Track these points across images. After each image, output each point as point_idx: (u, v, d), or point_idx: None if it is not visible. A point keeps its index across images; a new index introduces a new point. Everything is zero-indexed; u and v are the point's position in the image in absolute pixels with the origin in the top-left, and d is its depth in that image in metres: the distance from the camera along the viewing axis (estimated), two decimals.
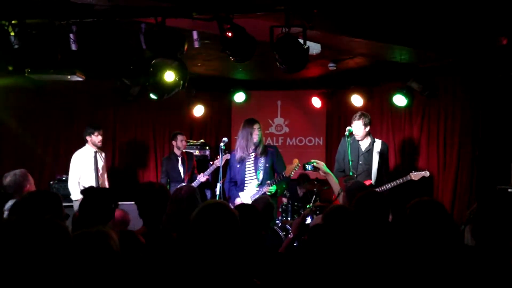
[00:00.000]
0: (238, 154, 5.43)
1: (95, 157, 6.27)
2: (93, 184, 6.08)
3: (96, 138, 6.26)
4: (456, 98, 6.67)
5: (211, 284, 1.81)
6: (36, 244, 1.33)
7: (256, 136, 5.35)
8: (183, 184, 6.60)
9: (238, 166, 5.47)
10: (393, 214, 3.25)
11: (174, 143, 6.99)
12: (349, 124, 5.89)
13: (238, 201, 5.31)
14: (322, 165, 4.68)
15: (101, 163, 6.36)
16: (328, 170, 4.56)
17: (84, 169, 6.19)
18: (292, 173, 5.28)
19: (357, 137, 5.68)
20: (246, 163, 5.45)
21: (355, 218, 2.63)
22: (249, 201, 5.03)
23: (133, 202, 3.05)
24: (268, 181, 5.33)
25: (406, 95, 6.60)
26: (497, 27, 4.96)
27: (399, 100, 6.68)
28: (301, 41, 4.19)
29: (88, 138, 6.27)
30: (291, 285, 2.53)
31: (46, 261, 1.33)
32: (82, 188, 4.75)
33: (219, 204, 2.00)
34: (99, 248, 1.71)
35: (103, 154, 6.50)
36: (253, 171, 5.43)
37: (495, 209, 2.69)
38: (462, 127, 6.58)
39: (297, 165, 5.22)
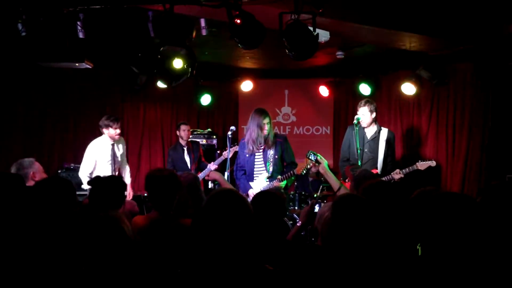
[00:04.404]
0: (248, 146, 5.39)
1: (113, 149, 5.95)
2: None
3: (114, 131, 5.87)
4: (465, 86, 6.58)
5: (223, 269, 1.80)
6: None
7: (265, 130, 5.30)
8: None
9: (247, 156, 5.44)
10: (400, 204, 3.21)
11: (178, 133, 6.99)
12: (357, 113, 5.86)
13: (251, 192, 5.28)
14: (324, 161, 4.68)
15: (119, 152, 6.07)
16: (328, 169, 4.56)
17: (100, 160, 5.86)
18: (303, 172, 5.24)
19: (363, 124, 5.64)
20: (256, 155, 5.42)
21: (365, 206, 2.60)
22: None
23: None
24: (279, 177, 5.29)
25: (415, 83, 6.55)
26: (507, 15, 4.89)
27: (408, 88, 6.64)
28: (311, 28, 4.15)
29: (105, 130, 5.87)
30: (300, 273, 2.52)
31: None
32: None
33: (229, 191, 1.99)
34: (113, 232, 1.71)
35: (120, 144, 6.15)
36: (263, 163, 5.39)
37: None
38: (471, 115, 6.51)
39: (309, 165, 5.18)
